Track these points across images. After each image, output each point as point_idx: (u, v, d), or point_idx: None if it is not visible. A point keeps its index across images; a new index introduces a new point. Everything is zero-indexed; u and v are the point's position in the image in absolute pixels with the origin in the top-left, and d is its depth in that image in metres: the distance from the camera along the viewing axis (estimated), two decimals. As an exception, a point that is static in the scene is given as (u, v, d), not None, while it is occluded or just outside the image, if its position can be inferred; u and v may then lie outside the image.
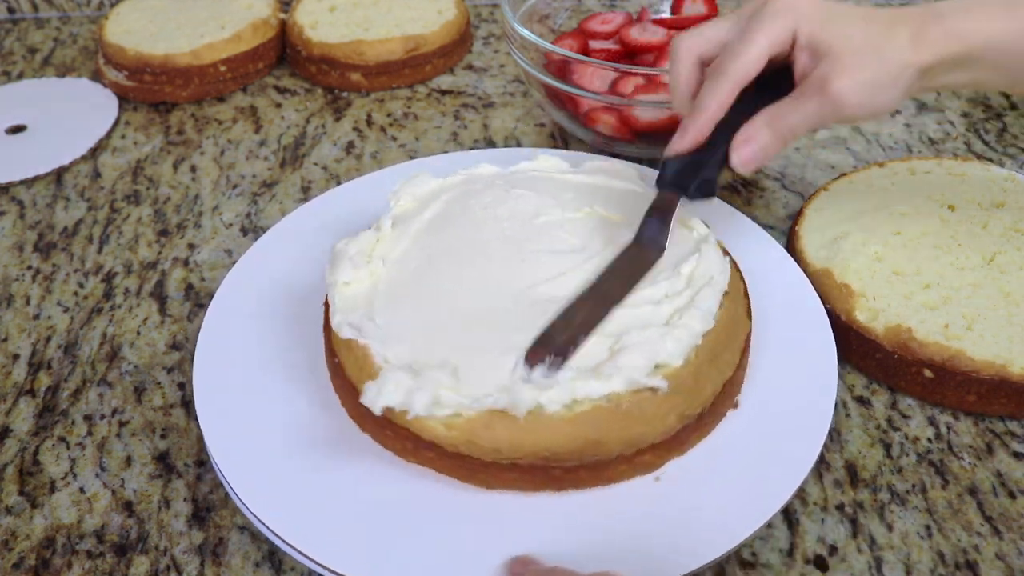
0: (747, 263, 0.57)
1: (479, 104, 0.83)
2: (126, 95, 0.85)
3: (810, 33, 0.47)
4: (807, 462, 0.47)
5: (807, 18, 0.47)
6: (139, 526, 0.49)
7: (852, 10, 0.48)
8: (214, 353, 0.53)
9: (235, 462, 0.47)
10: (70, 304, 0.64)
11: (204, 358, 0.53)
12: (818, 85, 0.47)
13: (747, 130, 0.49)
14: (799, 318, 0.55)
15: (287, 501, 0.46)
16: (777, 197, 0.70)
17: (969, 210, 0.62)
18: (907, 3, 0.63)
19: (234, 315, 0.56)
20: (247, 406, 0.50)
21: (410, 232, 0.54)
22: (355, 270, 0.51)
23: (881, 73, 0.46)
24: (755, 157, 0.49)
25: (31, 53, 0.94)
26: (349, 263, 0.51)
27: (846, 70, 0.46)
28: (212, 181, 0.75)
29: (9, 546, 0.49)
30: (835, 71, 0.46)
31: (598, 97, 0.68)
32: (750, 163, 0.49)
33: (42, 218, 0.72)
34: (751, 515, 0.45)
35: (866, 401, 0.55)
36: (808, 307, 0.55)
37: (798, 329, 0.54)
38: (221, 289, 0.58)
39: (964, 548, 0.47)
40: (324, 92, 0.85)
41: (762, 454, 0.48)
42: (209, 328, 0.55)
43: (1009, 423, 0.53)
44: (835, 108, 0.47)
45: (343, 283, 0.51)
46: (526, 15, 0.78)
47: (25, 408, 0.56)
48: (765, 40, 0.48)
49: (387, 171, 0.68)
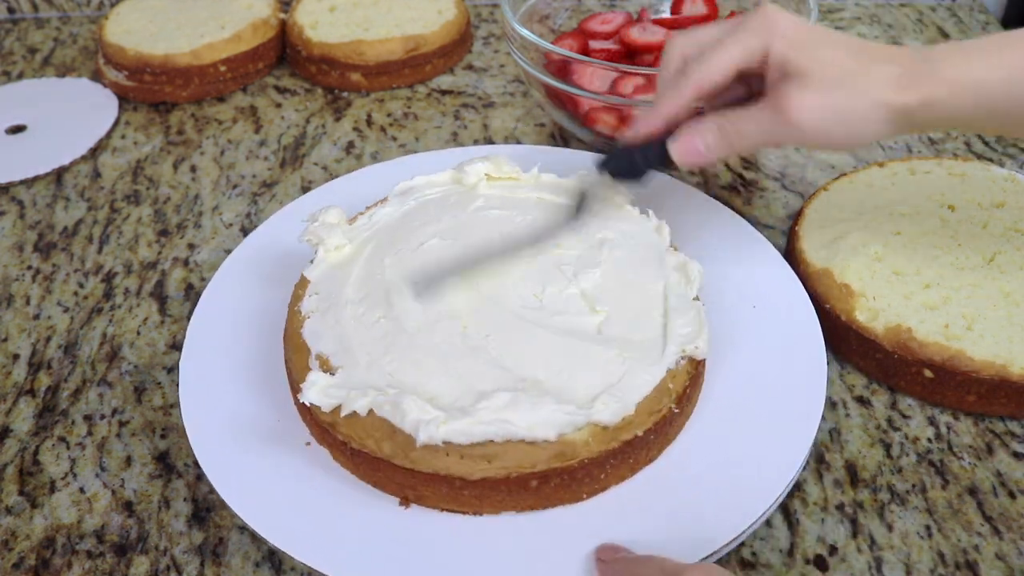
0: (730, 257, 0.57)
1: (479, 104, 0.83)
2: (126, 95, 0.85)
3: (783, 52, 0.46)
4: (798, 458, 0.47)
5: (785, 38, 0.46)
6: (139, 526, 0.49)
7: (840, 39, 0.47)
8: (199, 359, 0.54)
9: (221, 466, 0.47)
10: (70, 304, 0.64)
11: (189, 366, 0.53)
12: (776, 98, 0.46)
13: (695, 125, 0.49)
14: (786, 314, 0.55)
15: (279, 506, 0.46)
16: (777, 197, 0.70)
17: (969, 210, 0.62)
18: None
19: (219, 318, 0.56)
20: (232, 410, 0.51)
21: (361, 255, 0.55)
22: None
23: (848, 104, 0.45)
24: (695, 151, 0.49)
25: (31, 53, 0.94)
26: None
27: (809, 92, 0.45)
28: (212, 181, 0.75)
29: (9, 546, 0.49)
30: (797, 90, 0.45)
31: (598, 97, 0.68)
32: (688, 155, 0.49)
33: (42, 218, 0.72)
34: (740, 515, 0.45)
35: (866, 401, 0.55)
36: (793, 300, 0.56)
37: (786, 325, 0.54)
38: (207, 291, 0.58)
39: (964, 548, 0.47)
40: (324, 92, 0.85)
41: (751, 454, 0.47)
42: (194, 332, 0.55)
43: (1009, 423, 0.53)
44: (789, 126, 0.46)
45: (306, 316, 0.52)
46: (526, 15, 0.78)
47: (25, 408, 0.56)
48: (736, 51, 0.47)
49: (380, 166, 0.69)
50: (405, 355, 0.48)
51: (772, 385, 0.51)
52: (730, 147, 0.48)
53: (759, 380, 0.51)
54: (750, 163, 0.73)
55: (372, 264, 0.54)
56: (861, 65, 0.46)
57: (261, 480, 0.47)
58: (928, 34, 0.92)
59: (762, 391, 0.51)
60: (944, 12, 0.96)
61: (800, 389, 0.50)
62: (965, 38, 0.91)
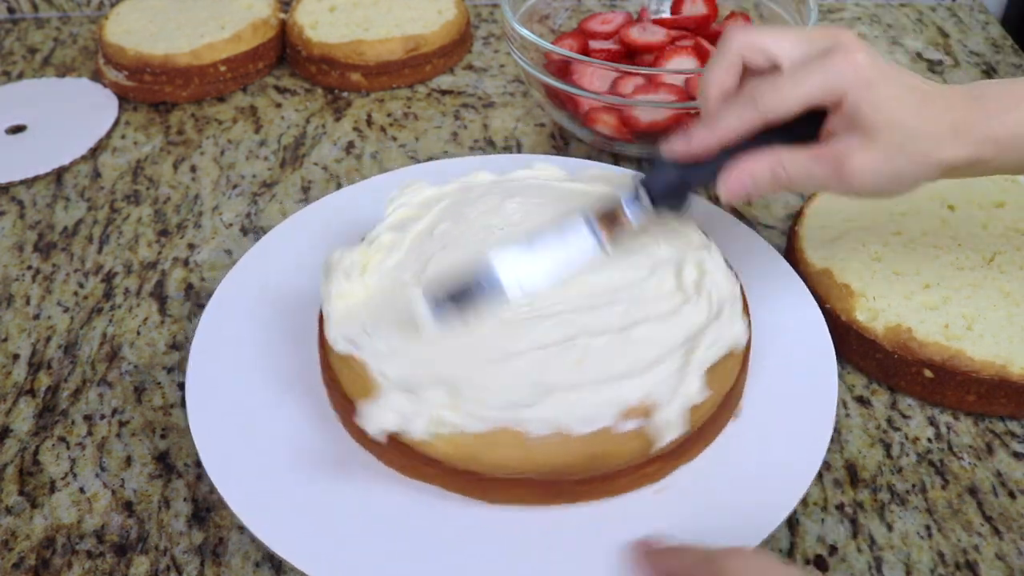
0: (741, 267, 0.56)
1: (479, 104, 0.83)
2: (126, 95, 0.85)
3: (859, 103, 0.43)
4: (810, 471, 0.46)
5: (863, 82, 0.43)
6: (139, 526, 0.49)
7: (911, 85, 0.45)
8: (208, 360, 0.53)
9: (229, 475, 0.47)
10: (70, 304, 0.64)
11: (197, 366, 0.52)
12: (837, 157, 0.44)
13: (749, 163, 0.46)
14: (797, 324, 0.54)
15: (283, 514, 0.45)
16: (777, 197, 0.70)
17: (969, 210, 0.62)
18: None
19: (229, 321, 0.55)
20: (241, 417, 0.50)
21: (405, 242, 0.53)
22: (348, 283, 0.50)
23: (908, 169, 0.44)
24: (744, 191, 0.47)
25: (31, 53, 0.94)
26: (343, 275, 0.50)
27: (871, 154, 0.44)
28: (212, 181, 0.75)
29: (9, 546, 0.49)
30: (860, 151, 0.44)
31: (598, 97, 0.68)
32: (737, 194, 0.47)
33: (42, 218, 0.72)
34: (756, 525, 0.44)
35: (866, 401, 0.55)
36: (806, 312, 0.55)
37: (797, 335, 0.54)
38: (216, 294, 0.57)
39: (964, 548, 0.47)
40: (324, 92, 0.85)
41: (766, 464, 0.47)
42: (203, 333, 0.54)
43: (1009, 423, 0.53)
44: (843, 184, 0.45)
45: (337, 295, 0.50)
46: (526, 15, 0.78)
47: (25, 408, 0.56)
48: (815, 89, 0.44)
49: (393, 174, 0.68)
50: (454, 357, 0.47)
51: (785, 383, 0.51)
52: (777, 188, 0.47)
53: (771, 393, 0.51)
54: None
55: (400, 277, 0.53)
56: (924, 122, 0.44)
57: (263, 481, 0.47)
58: (928, 34, 0.92)
59: (776, 390, 0.51)
60: (944, 12, 0.96)
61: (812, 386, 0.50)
62: (965, 38, 0.91)
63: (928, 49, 0.89)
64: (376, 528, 0.45)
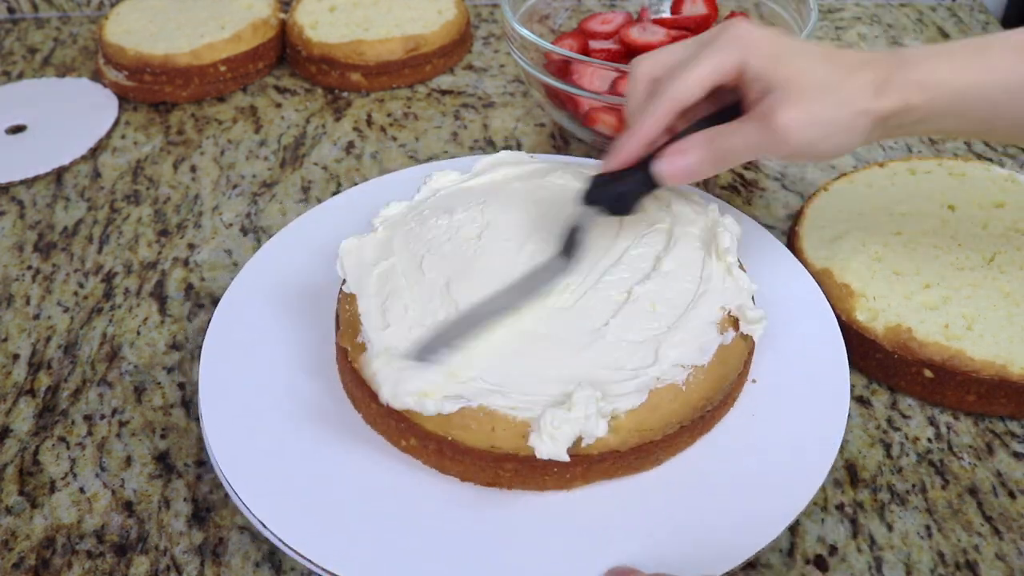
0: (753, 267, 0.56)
1: (479, 104, 0.83)
2: (126, 95, 0.85)
3: (761, 66, 0.45)
4: (821, 471, 0.46)
5: (759, 51, 0.46)
6: (139, 526, 0.49)
7: (811, 47, 0.47)
8: (220, 355, 0.53)
9: (237, 464, 0.47)
10: (70, 304, 0.64)
11: (210, 360, 0.52)
12: (764, 112, 0.45)
13: (682, 143, 0.48)
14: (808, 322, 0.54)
15: (289, 503, 0.45)
16: (777, 197, 0.70)
17: (969, 210, 0.62)
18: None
19: (240, 319, 0.55)
20: (251, 407, 0.50)
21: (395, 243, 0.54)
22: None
23: (834, 115, 0.45)
24: (685, 170, 0.48)
25: (31, 53, 0.94)
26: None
27: (796, 103, 0.44)
28: (212, 181, 0.75)
29: (9, 546, 0.49)
30: (784, 102, 0.44)
31: (598, 97, 0.68)
32: (676, 175, 0.48)
33: (42, 218, 0.72)
34: (765, 525, 0.44)
35: (866, 401, 0.55)
36: (818, 311, 0.55)
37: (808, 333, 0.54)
38: (228, 293, 0.57)
39: (964, 548, 0.47)
40: (324, 92, 0.85)
41: (775, 463, 0.47)
42: (215, 331, 0.54)
43: (1009, 423, 0.53)
44: (777, 139, 0.45)
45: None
46: (526, 15, 0.78)
47: (25, 408, 0.56)
48: (710, 67, 0.46)
49: (406, 171, 0.68)
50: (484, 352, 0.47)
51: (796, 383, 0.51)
52: (718, 163, 0.48)
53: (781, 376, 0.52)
54: (750, 164, 0.73)
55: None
56: (838, 74, 0.45)
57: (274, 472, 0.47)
58: (928, 34, 0.92)
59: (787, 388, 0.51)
60: (944, 12, 0.96)
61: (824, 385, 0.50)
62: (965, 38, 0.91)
63: (928, 49, 0.89)
64: (382, 517, 0.45)
